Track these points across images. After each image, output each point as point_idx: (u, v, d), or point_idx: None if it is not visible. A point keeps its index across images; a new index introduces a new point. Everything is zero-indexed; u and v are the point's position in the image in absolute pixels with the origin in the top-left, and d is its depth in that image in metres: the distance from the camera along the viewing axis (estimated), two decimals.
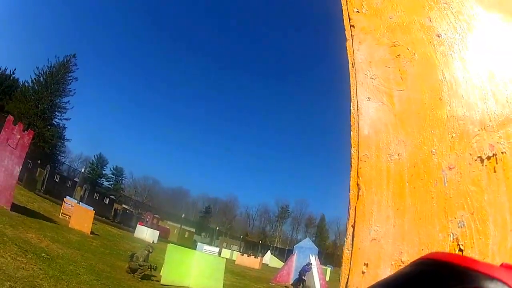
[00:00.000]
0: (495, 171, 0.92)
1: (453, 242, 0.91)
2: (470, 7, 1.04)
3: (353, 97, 1.11)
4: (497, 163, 0.92)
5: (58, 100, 59.56)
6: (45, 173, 40.56)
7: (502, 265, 0.41)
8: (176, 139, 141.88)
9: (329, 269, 36.17)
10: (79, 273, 10.28)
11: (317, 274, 21.65)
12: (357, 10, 1.21)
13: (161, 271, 13.48)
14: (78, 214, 20.94)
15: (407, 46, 1.09)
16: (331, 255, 78.38)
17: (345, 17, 1.23)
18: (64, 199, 26.58)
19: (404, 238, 0.94)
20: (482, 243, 0.89)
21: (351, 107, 1.11)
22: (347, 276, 0.98)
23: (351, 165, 1.06)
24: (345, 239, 1.01)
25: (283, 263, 33.89)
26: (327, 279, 27.44)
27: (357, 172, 1.04)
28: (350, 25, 1.20)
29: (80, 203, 28.59)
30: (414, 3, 1.12)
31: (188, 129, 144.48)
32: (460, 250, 0.90)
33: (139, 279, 12.20)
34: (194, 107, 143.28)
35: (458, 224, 0.91)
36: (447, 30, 1.05)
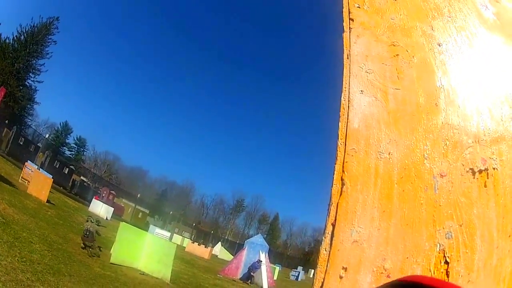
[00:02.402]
0: (485, 186, 0.81)
1: (439, 253, 0.76)
2: (473, 25, 0.97)
3: (345, 88, 0.95)
4: (488, 178, 0.81)
5: (34, 61, 53.64)
6: (11, 134, 36.24)
7: None
8: (143, 118, 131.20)
9: (277, 268, 34.47)
10: (32, 241, 9.44)
11: (266, 272, 20.42)
12: (358, 6, 1.08)
13: (111, 249, 12.28)
14: (37, 181, 19.09)
15: (406, 48, 0.97)
16: (280, 255, 76.26)
17: (345, 9, 1.08)
18: (26, 163, 24.17)
19: (388, 243, 0.78)
20: (468, 258, 0.76)
21: (342, 98, 0.94)
22: (323, 280, 0.77)
23: (336, 158, 0.88)
24: (323, 238, 0.81)
25: (232, 256, 32.25)
26: (275, 277, 26.13)
27: (342, 166, 0.86)
28: (350, 18, 1.06)
29: (41, 169, 25.66)
30: (418, 10, 1.02)
31: (156, 110, 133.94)
32: (446, 262, 0.76)
33: (88, 256, 11.06)
34: (166, 88, 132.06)
35: (446, 234, 0.77)
36: (448, 42, 0.96)
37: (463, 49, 0.94)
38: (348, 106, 0.92)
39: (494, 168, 0.81)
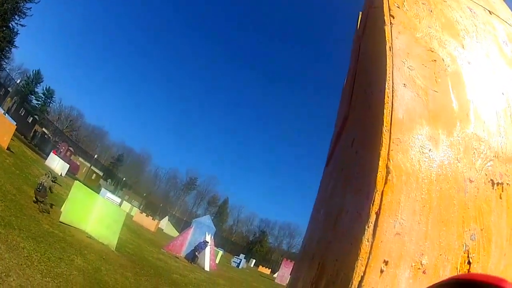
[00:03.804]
0: (500, 198, 0.86)
1: (464, 253, 0.77)
2: (496, 56, 1.05)
3: (389, 78, 0.92)
4: (502, 191, 0.86)
5: (22, 3, 47.96)
6: None
7: None
8: (113, 79, 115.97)
9: (220, 252, 32.05)
10: None
11: (209, 254, 19.40)
12: (397, 6, 1.07)
13: (62, 207, 11.49)
14: (0, 126, 17.92)
15: (442, 57, 0.99)
16: (224, 239, 72.87)
17: (385, 6, 1.07)
18: None
19: (427, 238, 0.75)
20: (485, 260, 0.79)
21: (386, 87, 0.90)
22: (362, 273, 0.70)
23: (381, 144, 0.82)
24: (366, 228, 0.74)
25: (177, 233, 30.72)
26: (217, 261, 24.66)
27: (388, 154, 0.81)
28: (390, 15, 1.05)
29: (6, 114, 24.65)
30: (450, 27, 1.07)
31: (128, 73, 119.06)
32: (469, 263, 0.77)
33: (39, 211, 10.36)
34: (141, 55, 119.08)
35: (471, 236, 0.79)
36: (477, 63, 1.02)
37: (488, 73, 1.01)
38: (393, 96, 0.88)
39: (507, 184, 0.87)
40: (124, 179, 71.66)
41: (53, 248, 7.48)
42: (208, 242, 19.99)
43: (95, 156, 58.60)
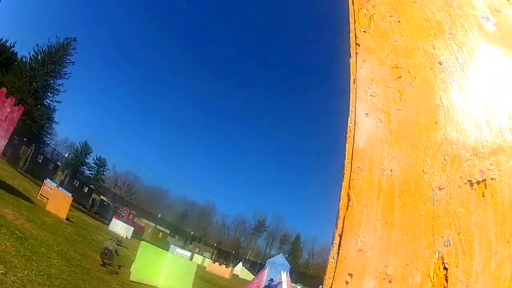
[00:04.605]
0: (483, 196, 0.87)
1: (438, 260, 0.85)
2: (474, 39, 1.01)
3: (352, 111, 1.07)
4: (486, 188, 0.87)
5: (52, 81, 55.15)
6: (29, 151, 37.79)
7: None
8: (164, 139, 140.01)
9: (299, 287, 34.53)
10: (51, 256, 9.63)
11: None
12: (363, 30, 1.17)
13: (131, 267, 12.63)
14: (56, 198, 19.65)
15: (408, 69, 1.05)
16: (302, 274, 76.01)
17: (352, 35, 1.19)
18: (44, 181, 24.76)
19: (390, 251, 0.89)
20: (467, 263, 0.84)
21: (349, 121, 1.06)
22: (330, 285, 0.91)
23: (343, 176, 1.00)
24: (331, 248, 0.95)
25: (253, 276, 32.02)
26: None
27: (349, 183, 0.98)
28: (356, 43, 1.17)
29: (60, 187, 26.44)
30: (420, 30, 1.09)
31: (177, 131, 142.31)
32: (445, 268, 0.85)
33: (107, 273, 11.38)
34: (186, 108, 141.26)
35: (444, 242, 0.86)
36: (449, 59, 1.02)
37: (463, 65, 1.00)
38: (354, 128, 1.03)
39: (492, 179, 0.87)
40: (191, 232, 73.46)
41: None
42: (281, 281, 19.48)
43: (159, 216, 60.08)
